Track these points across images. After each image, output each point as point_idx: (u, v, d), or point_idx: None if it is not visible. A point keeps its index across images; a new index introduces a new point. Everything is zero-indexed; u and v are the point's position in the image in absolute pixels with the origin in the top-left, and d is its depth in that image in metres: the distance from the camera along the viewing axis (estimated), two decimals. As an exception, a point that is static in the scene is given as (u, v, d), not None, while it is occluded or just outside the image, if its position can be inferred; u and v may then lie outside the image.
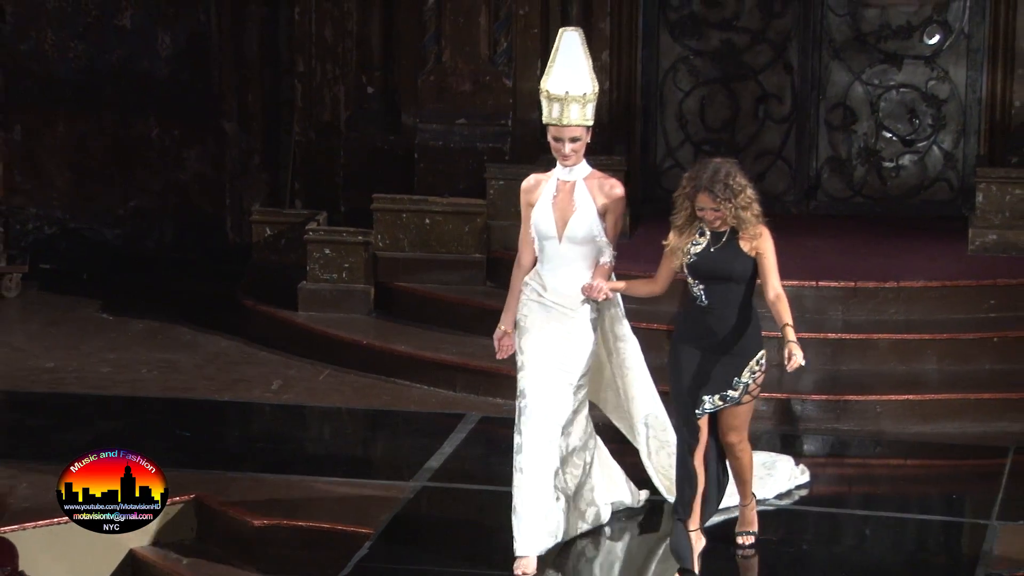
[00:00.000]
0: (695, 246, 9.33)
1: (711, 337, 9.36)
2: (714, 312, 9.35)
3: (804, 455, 12.24)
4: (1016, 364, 12.75)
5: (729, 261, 9.29)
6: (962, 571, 10.41)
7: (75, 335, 14.08)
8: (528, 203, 9.83)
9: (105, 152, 15.69)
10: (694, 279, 9.35)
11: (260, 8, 15.33)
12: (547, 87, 9.66)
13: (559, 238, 9.69)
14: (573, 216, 9.67)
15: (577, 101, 9.61)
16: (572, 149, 9.67)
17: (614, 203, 9.70)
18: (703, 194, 9.21)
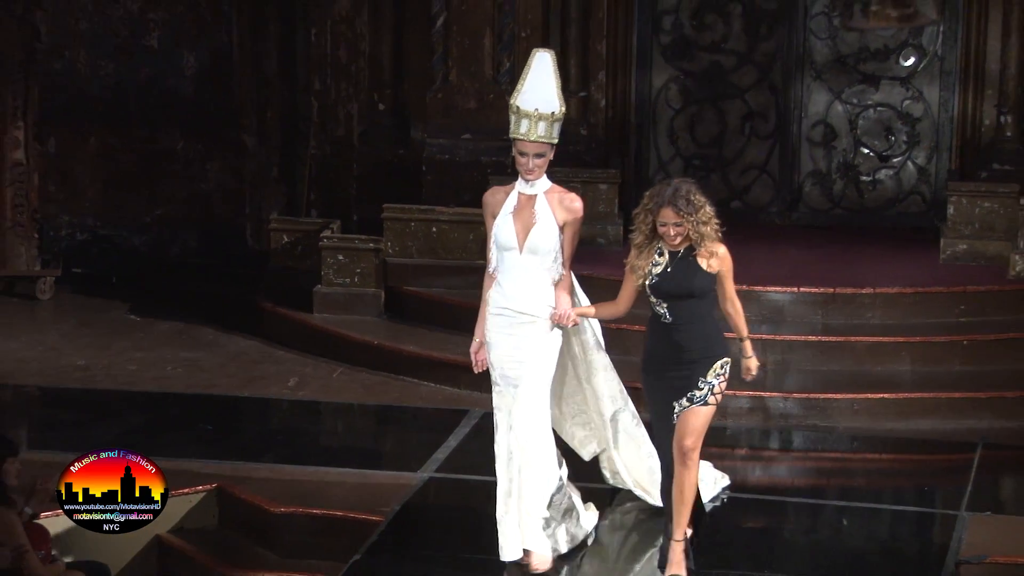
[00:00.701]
0: (655, 267, 9.13)
1: (677, 349, 9.15)
2: (679, 327, 9.14)
3: (786, 449, 12.28)
4: (984, 366, 12.76)
5: (689, 279, 9.11)
6: (933, 559, 10.41)
7: (105, 335, 14.08)
8: (491, 214, 9.65)
9: (133, 164, 15.70)
10: (657, 298, 9.15)
11: (278, 29, 15.34)
12: (518, 103, 9.47)
13: (520, 249, 9.48)
14: (534, 228, 9.47)
15: (545, 119, 9.43)
16: (536, 164, 9.48)
17: (573, 217, 9.52)
18: (667, 208, 9.04)
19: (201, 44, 15.56)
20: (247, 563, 10.69)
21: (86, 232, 15.76)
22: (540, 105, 9.43)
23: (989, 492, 11.41)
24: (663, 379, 9.20)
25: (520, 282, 9.51)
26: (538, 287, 9.49)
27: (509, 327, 9.52)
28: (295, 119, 15.38)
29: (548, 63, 9.56)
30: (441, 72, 14.54)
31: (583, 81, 14.62)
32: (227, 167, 15.67)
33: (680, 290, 9.08)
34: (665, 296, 9.10)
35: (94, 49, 15.56)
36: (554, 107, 9.45)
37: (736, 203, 14.90)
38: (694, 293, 9.09)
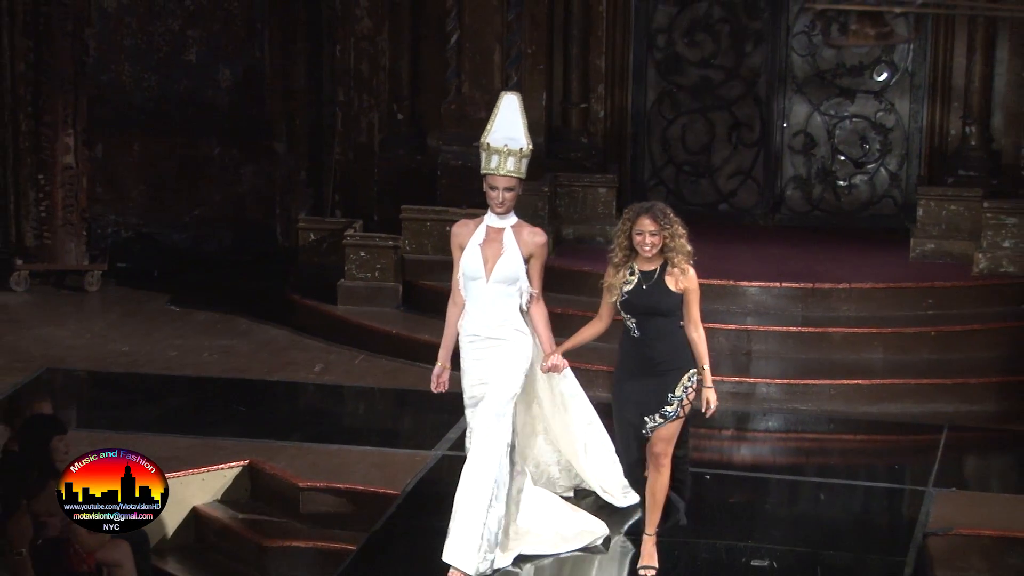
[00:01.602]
0: (626, 284, 9.01)
1: (647, 364, 9.04)
2: (647, 342, 9.02)
3: (769, 430, 12.28)
4: (950, 355, 12.76)
5: (657, 297, 8.98)
6: (903, 531, 10.41)
7: (147, 324, 14.08)
8: (458, 246, 9.40)
9: (174, 168, 15.70)
10: (627, 314, 9.03)
11: (306, 46, 15.33)
12: (488, 141, 9.29)
13: (487, 279, 9.27)
14: (501, 259, 9.27)
15: (514, 155, 9.23)
16: (506, 197, 9.25)
17: (538, 249, 9.31)
18: (645, 216, 8.94)
19: (236, 59, 15.55)
20: (276, 533, 10.69)
21: (130, 230, 15.77)
22: (508, 142, 9.24)
23: (954, 470, 11.42)
24: (633, 388, 9.08)
25: (488, 310, 9.30)
26: (505, 313, 9.30)
27: (480, 352, 9.33)
28: (321, 128, 15.37)
29: (515, 104, 9.36)
30: (454, 85, 14.52)
31: (584, 94, 14.61)
32: (259, 171, 15.66)
33: (648, 307, 8.98)
34: (634, 312, 9.00)
35: (138, 63, 15.56)
36: (521, 144, 9.26)
37: (724, 206, 14.90)
38: (661, 311, 8.98)
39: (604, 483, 9.98)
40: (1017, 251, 13.39)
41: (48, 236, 14.86)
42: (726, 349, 12.87)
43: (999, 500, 10.97)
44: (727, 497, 11.02)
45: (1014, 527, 10.35)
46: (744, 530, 10.44)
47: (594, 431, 9.87)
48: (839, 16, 14.12)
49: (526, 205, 13.93)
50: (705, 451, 11.88)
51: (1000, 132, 14.15)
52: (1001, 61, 14.05)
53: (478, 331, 9.31)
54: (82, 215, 14.94)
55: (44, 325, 13.96)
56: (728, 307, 13.14)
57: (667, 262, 8.99)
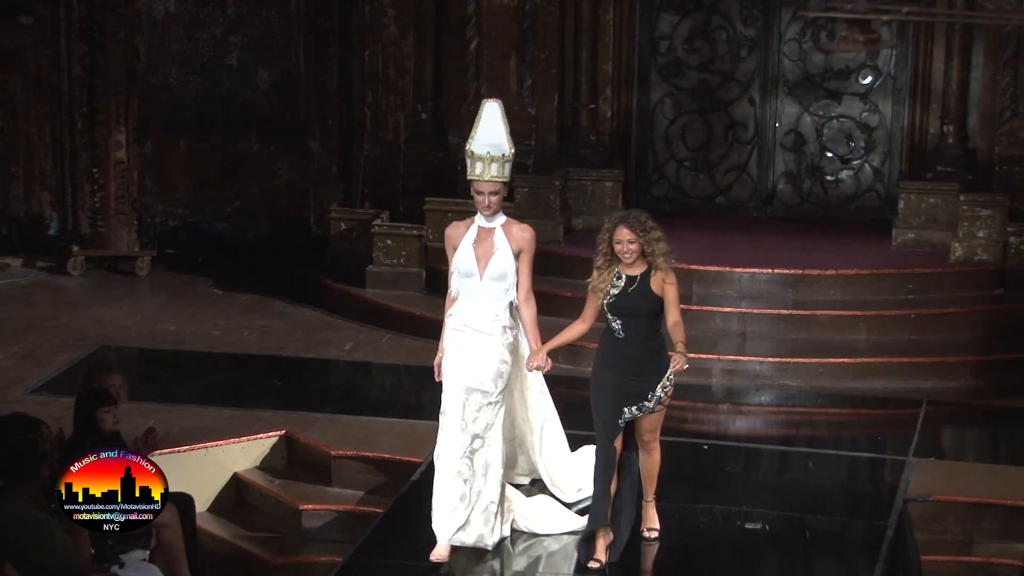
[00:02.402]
0: (613, 288, 8.82)
1: (628, 362, 8.86)
2: (630, 342, 8.85)
3: (761, 404, 12.27)
4: (928, 335, 12.74)
5: (640, 300, 8.80)
6: (885, 497, 10.40)
7: (192, 306, 14.10)
8: (452, 247, 9.20)
9: (216, 163, 15.71)
10: (612, 315, 8.84)
11: (338, 52, 15.32)
12: (472, 148, 9.10)
13: (480, 276, 9.08)
14: (494, 257, 9.08)
15: (497, 160, 9.04)
16: (492, 201, 9.06)
17: (527, 244, 9.12)
18: (622, 226, 8.76)
19: (273, 63, 15.55)
20: (310, 496, 10.70)
21: (177, 220, 15.78)
22: (491, 149, 9.05)
23: (932, 442, 11.40)
24: (613, 384, 8.89)
25: (480, 306, 9.12)
26: (496, 309, 9.12)
27: (468, 342, 9.10)
28: (351, 127, 15.36)
29: (496, 111, 9.19)
30: (473, 87, 14.52)
31: (592, 96, 14.59)
32: (294, 166, 15.66)
33: (632, 309, 8.82)
34: (619, 313, 8.84)
35: (184, 67, 15.57)
36: (504, 150, 9.09)
37: (720, 199, 14.88)
38: (643, 312, 8.83)
39: (556, 479, 9.73)
40: (991, 240, 13.36)
41: (102, 225, 14.89)
42: (722, 330, 12.87)
43: (974, 469, 10.97)
44: (723, 466, 11.02)
45: (987, 494, 10.35)
46: (738, 496, 10.44)
47: (549, 430, 9.65)
48: (827, 24, 14.09)
49: (539, 197, 13.98)
50: (703, 423, 11.89)
51: (975, 131, 14.12)
52: (976, 66, 14.02)
53: (468, 322, 9.12)
54: (133, 206, 14.96)
55: (98, 306, 13.98)
56: (724, 291, 13.14)
57: (650, 266, 8.86)
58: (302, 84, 15.50)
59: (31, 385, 11.98)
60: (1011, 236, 13.30)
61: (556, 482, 9.72)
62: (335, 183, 15.51)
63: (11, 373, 12.29)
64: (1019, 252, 13.27)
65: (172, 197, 15.73)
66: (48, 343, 12.96)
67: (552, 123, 14.50)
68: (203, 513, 10.60)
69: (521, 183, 13.97)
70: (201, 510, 10.53)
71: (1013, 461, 11.16)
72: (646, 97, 14.78)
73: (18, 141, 15.40)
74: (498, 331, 9.12)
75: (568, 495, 9.73)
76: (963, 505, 10.30)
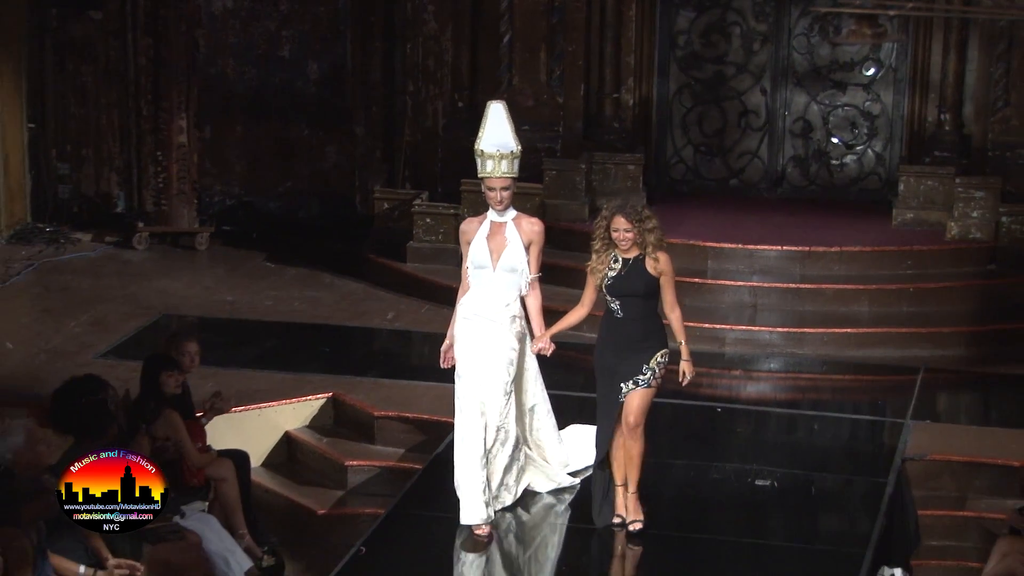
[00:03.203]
0: (611, 271, 8.72)
1: (626, 339, 8.75)
2: (628, 322, 8.74)
3: (770, 371, 12.24)
4: (926, 308, 12.70)
5: (638, 281, 8.70)
6: (885, 456, 10.39)
7: (247, 278, 14.11)
8: (466, 241, 9.02)
9: (270, 147, 15.71)
10: (611, 296, 8.74)
11: (382, 45, 15.31)
12: (481, 147, 8.92)
13: (493, 268, 8.90)
14: (506, 250, 8.90)
15: (506, 157, 8.85)
16: (504, 196, 8.87)
17: (537, 236, 8.94)
18: (619, 215, 8.66)
19: (322, 55, 15.53)
20: (355, 453, 10.73)
21: (233, 199, 15.79)
22: (500, 148, 8.87)
23: (928, 405, 11.39)
24: (613, 363, 8.83)
25: (493, 296, 8.95)
26: (507, 299, 8.96)
27: (479, 330, 8.94)
28: (393, 114, 15.36)
29: (501, 111, 8.99)
30: (506, 78, 14.49)
31: (616, 86, 14.55)
32: (341, 150, 15.66)
33: (629, 290, 8.73)
34: (617, 295, 8.75)
35: (240, 58, 15.56)
36: (511, 147, 8.90)
37: (734, 181, 14.83)
38: (639, 293, 8.73)
39: (545, 455, 9.54)
40: (984, 220, 13.29)
41: (165, 203, 14.91)
42: (735, 302, 12.85)
43: (967, 431, 10.95)
44: (735, 427, 11.01)
45: (979, 454, 10.34)
46: (749, 455, 10.44)
47: (539, 413, 9.42)
48: (834, 19, 14.05)
49: (566, 179, 13.95)
50: (716, 388, 11.87)
51: (970, 119, 14.06)
52: (972, 59, 13.95)
53: (480, 311, 8.96)
54: (193, 186, 14.99)
55: (161, 278, 14.01)
56: (737, 267, 13.11)
57: (644, 250, 8.74)
58: (348, 75, 15.48)
59: (100, 350, 12.02)
60: (1003, 216, 13.23)
61: (545, 457, 9.55)
62: (379, 166, 15.51)
63: (82, 339, 12.33)
64: (1010, 231, 13.20)
65: (229, 178, 15.74)
66: (115, 312, 13.00)
67: (578, 111, 14.46)
68: (257, 468, 10.64)
69: (550, 166, 13.96)
70: (255, 465, 10.56)
71: (1003, 424, 11.15)
72: (665, 87, 14.73)
73: (89, 126, 15.44)
74: (508, 319, 8.97)
75: (555, 469, 9.57)
76: (957, 464, 10.29)
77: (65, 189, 15.48)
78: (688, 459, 10.25)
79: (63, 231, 15.02)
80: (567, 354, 9.35)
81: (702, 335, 12.38)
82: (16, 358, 11.77)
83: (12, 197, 14.93)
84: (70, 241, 14.88)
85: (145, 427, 9.43)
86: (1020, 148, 13.71)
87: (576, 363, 10.68)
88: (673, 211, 14.14)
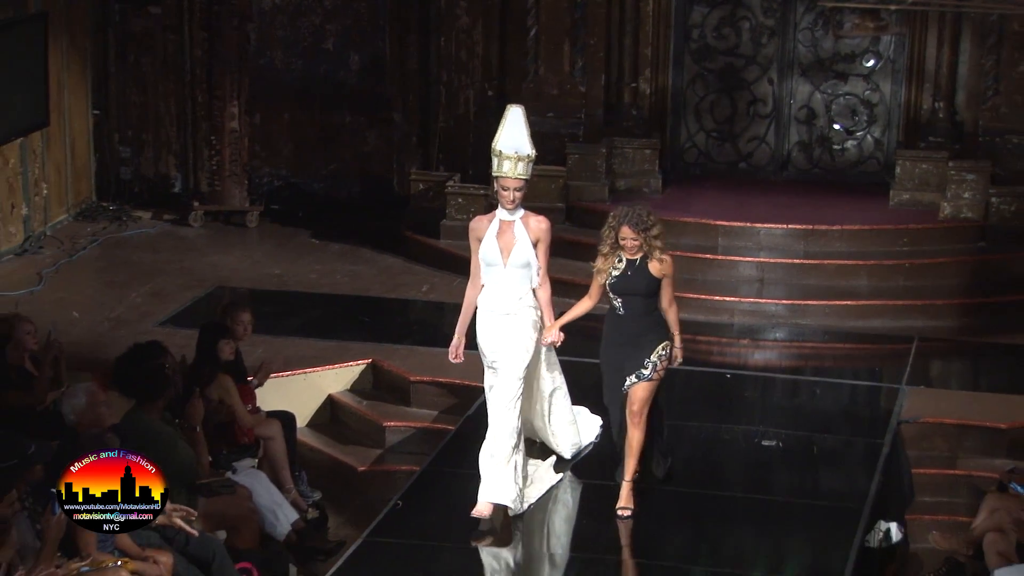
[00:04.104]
0: (615, 270, 8.65)
1: (628, 335, 8.69)
2: (630, 318, 8.68)
3: (776, 340, 12.21)
4: (920, 282, 12.66)
5: (640, 281, 8.63)
6: (881, 419, 10.39)
7: (294, 253, 14.10)
8: (476, 238, 8.87)
9: (314, 132, 15.66)
10: (615, 295, 8.68)
11: (418, 38, 15.24)
12: (500, 148, 8.77)
13: (504, 264, 8.76)
14: (515, 247, 8.74)
15: (521, 160, 8.71)
16: (516, 196, 8.75)
17: (543, 234, 8.79)
18: (625, 225, 8.58)
19: (363, 48, 15.48)
20: (392, 415, 10.76)
21: (281, 180, 15.76)
22: (516, 149, 8.73)
23: (922, 372, 11.36)
24: (617, 357, 8.75)
25: (504, 290, 8.81)
26: (519, 292, 8.82)
27: (494, 324, 8.83)
28: (428, 102, 15.30)
29: (519, 116, 8.85)
30: (533, 68, 14.43)
31: (634, 75, 14.47)
32: (380, 136, 15.61)
33: (632, 289, 8.64)
34: (620, 293, 8.67)
35: (288, 51, 15.52)
36: (527, 151, 8.76)
37: (743, 164, 14.76)
38: (641, 292, 8.64)
39: (558, 439, 9.43)
40: (975, 201, 13.23)
41: (218, 184, 14.91)
42: (743, 276, 12.82)
43: (958, 396, 10.93)
44: (743, 392, 10.99)
45: (969, 417, 10.33)
46: (756, 418, 10.43)
47: (558, 398, 9.32)
48: (835, 15, 13.96)
49: (588, 162, 13.91)
50: (726, 356, 11.87)
51: (963, 107, 13.94)
52: (964, 51, 13.83)
53: (495, 307, 8.83)
54: (244, 168, 14.98)
55: (215, 253, 14.02)
56: (745, 243, 13.07)
57: (648, 253, 8.65)
58: (387, 66, 15.43)
59: (158, 319, 12.05)
60: (992, 197, 13.16)
61: (558, 442, 9.45)
62: (414, 150, 15.47)
63: (142, 308, 12.37)
64: (999, 211, 13.13)
65: (277, 161, 15.71)
66: (172, 283, 13.02)
67: (599, 99, 14.39)
68: (302, 428, 10.68)
69: (572, 150, 13.92)
70: (301, 426, 10.61)
71: (992, 389, 11.13)
72: (680, 77, 14.64)
73: (148, 113, 15.44)
74: (522, 311, 8.82)
75: (566, 452, 9.46)
76: (948, 426, 10.27)
77: (126, 171, 15.49)
78: (700, 421, 10.25)
79: (125, 209, 15.03)
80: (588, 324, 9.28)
81: (713, 307, 12.39)
82: (82, 326, 11.80)
83: (78, 178, 14.96)
84: (131, 219, 14.90)
85: (200, 390, 9.45)
86: (1009, 134, 13.60)
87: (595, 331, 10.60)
88: (686, 192, 14.13)
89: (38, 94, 13.66)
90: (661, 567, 8.62)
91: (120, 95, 15.38)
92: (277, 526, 9.40)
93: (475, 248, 8.91)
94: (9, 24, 13.21)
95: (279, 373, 10.59)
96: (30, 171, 14.00)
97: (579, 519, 9.13)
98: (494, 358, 8.85)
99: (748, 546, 8.86)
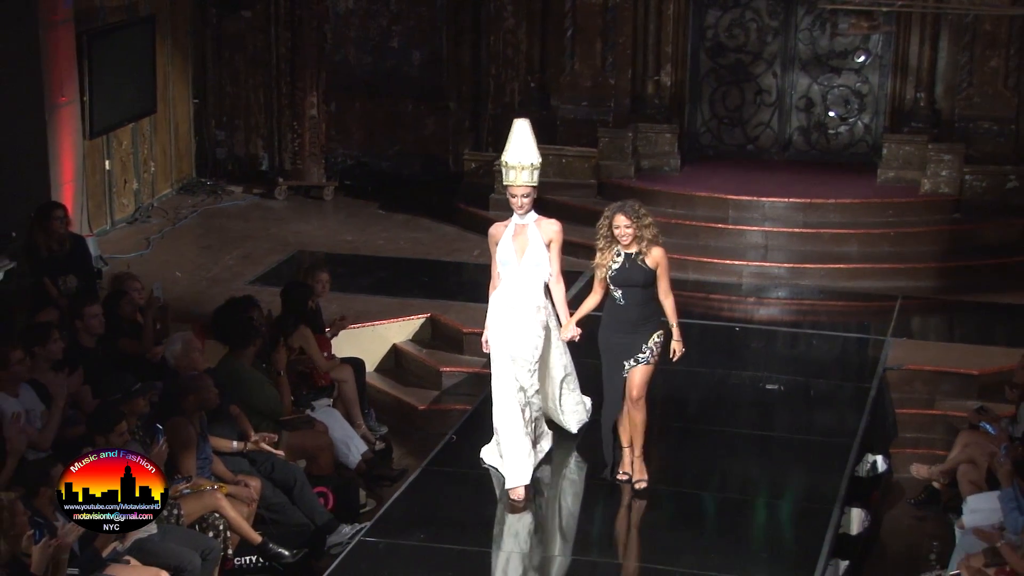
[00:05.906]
0: (614, 263, 8.20)
1: (627, 323, 8.24)
2: (629, 307, 8.23)
3: (778, 298, 12.13)
4: (903, 248, 12.54)
5: (636, 272, 8.20)
6: (869, 366, 10.32)
7: (364, 222, 14.08)
8: (494, 242, 8.49)
9: (382, 119, 15.62)
10: (615, 286, 8.24)
11: (471, 37, 15.18)
12: (507, 159, 8.38)
13: (518, 263, 8.39)
14: (528, 248, 8.38)
15: (527, 168, 8.32)
16: (525, 202, 8.35)
17: (555, 235, 8.43)
18: (619, 214, 8.15)
19: (424, 46, 15.42)
20: (448, 361, 10.75)
21: (353, 159, 15.73)
22: (523, 159, 8.35)
23: (905, 326, 11.27)
24: (615, 342, 8.33)
25: (520, 288, 8.43)
26: (532, 290, 8.45)
27: (509, 318, 8.41)
28: (480, 92, 15.24)
29: (526, 128, 8.47)
30: (569, 63, 14.31)
31: (656, 70, 14.34)
32: (438, 122, 15.55)
33: (630, 281, 8.24)
34: (620, 285, 8.26)
35: (359, 48, 15.48)
36: (534, 159, 8.36)
37: (750, 147, 14.62)
38: (638, 283, 8.25)
39: (565, 417, 9.07)
40: (951, 178, 13.08)
41: (299, 163, 14.91)
42: (750, 243, 12.72)
43: (936, 346, 10.89)
44: (750, 343, 10.93)
45: (945, 364, 10.28)
46: (759, 363, 10.37)
47: (569, 383, 8.92)
48: (830, 16, 13.78)
49: (616, 145, 13.81)
50: (735, 312, 11.80)
51: (941, 97, 13.78)
52: (943, 48, 13.68)
53: (510, 303, 8.44)
54: (321, 149, 14.97)
55: (296, 222, 14.02)
56: (752, 215, 12.97)
57: (643, 245, 8.26)
58: (444, 61, 15.36)
59: (248, 278, 12.08)
60: (966, 175, 13.01)
61: (566, 419, 9.09)
62: (467, 134, 15.42)
63: (234, 269, 12.40)
64: (972, 187, 12.99)
65: (349, 143, 15.68)
66: (260, 248, 13.04)
67: (626, 90, 14.26)
68: (371, 372, 10.69)
69: (603, 134, 13.82)
70: (369, 370, 10.62)
71: (965, 340, 11.07)
72: (696, 71, 14.51)
73: (240, 102, 15.43)
74: (534, 308, 8.45)
75: (572, 428, 9.11)
76: (927, 372, 10.22)
77: (221, 151, 15.51)
78: (711, 368, 10.19)
79: (220, 184, 15.06)
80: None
81: (724, 270, 12.32)
82: (183, 284, 11.86)
83: (180, 157, 15.00)
84: (225, 192, 14.92)
85: (283, 339, 9.47)
86: (980, 120, 13.43)
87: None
88: (701, 170, 14.02)
89: (147, 85, 13.71)
90: (679, 493, 8.58)
91: (216, 86, 15.38)
92: (349, 456, 9.43)
93: (493, 251, 8.54)
94: (122, 26, 13.27)
95: (352, 325, 10.59)
96: (140, 151, 14.05)
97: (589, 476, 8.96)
98: (503, 349, 8.45)
99: (753, 475, 8.85)
